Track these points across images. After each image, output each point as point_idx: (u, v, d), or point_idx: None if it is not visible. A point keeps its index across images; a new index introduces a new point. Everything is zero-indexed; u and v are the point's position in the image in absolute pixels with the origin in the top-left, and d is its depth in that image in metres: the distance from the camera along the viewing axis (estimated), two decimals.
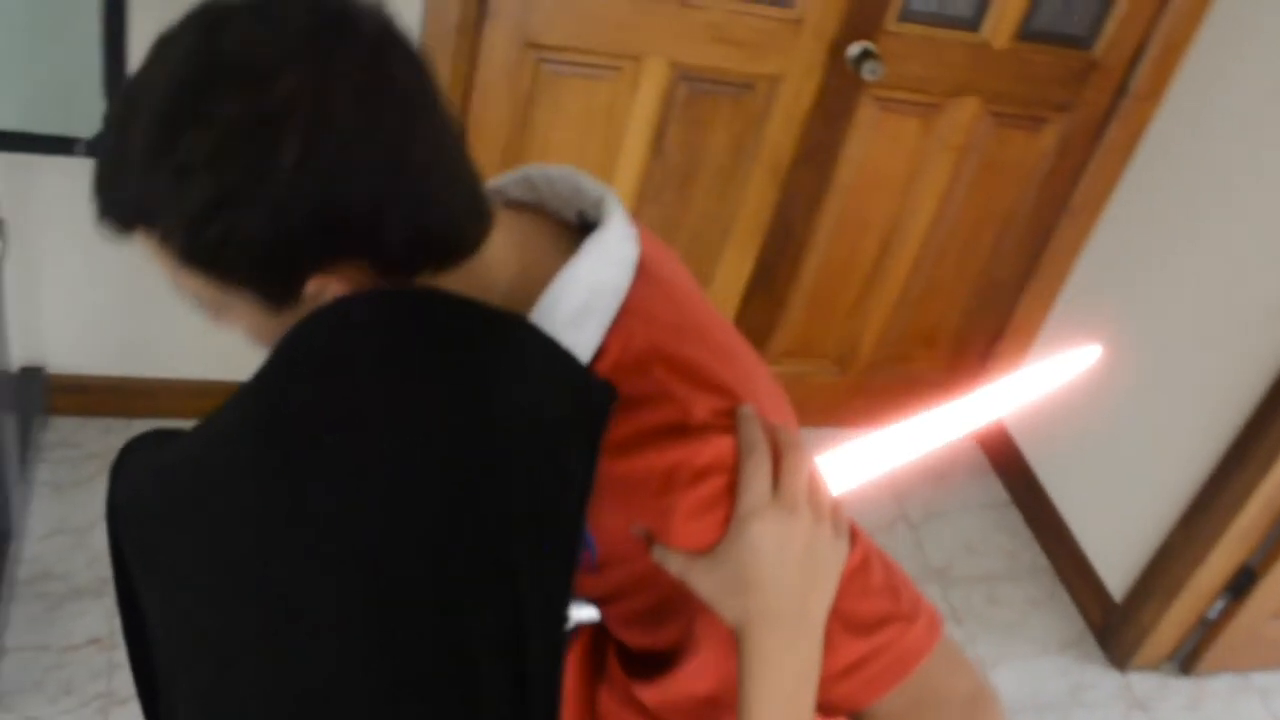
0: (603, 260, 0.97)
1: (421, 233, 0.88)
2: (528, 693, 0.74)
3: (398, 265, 0.88)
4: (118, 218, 0.84)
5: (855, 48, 2.59)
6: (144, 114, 0.80)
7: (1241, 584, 2.78)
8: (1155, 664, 2.95)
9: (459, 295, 0.87)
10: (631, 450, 0.92)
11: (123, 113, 0.82)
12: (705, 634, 0.98)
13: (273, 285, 0.87)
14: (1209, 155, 2.73)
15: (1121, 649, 2.91)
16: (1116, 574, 2.95)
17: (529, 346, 0.84)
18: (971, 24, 2.65)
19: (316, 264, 0.85)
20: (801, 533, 0.93)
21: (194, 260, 0.84)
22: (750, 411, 0.95)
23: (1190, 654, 2.94)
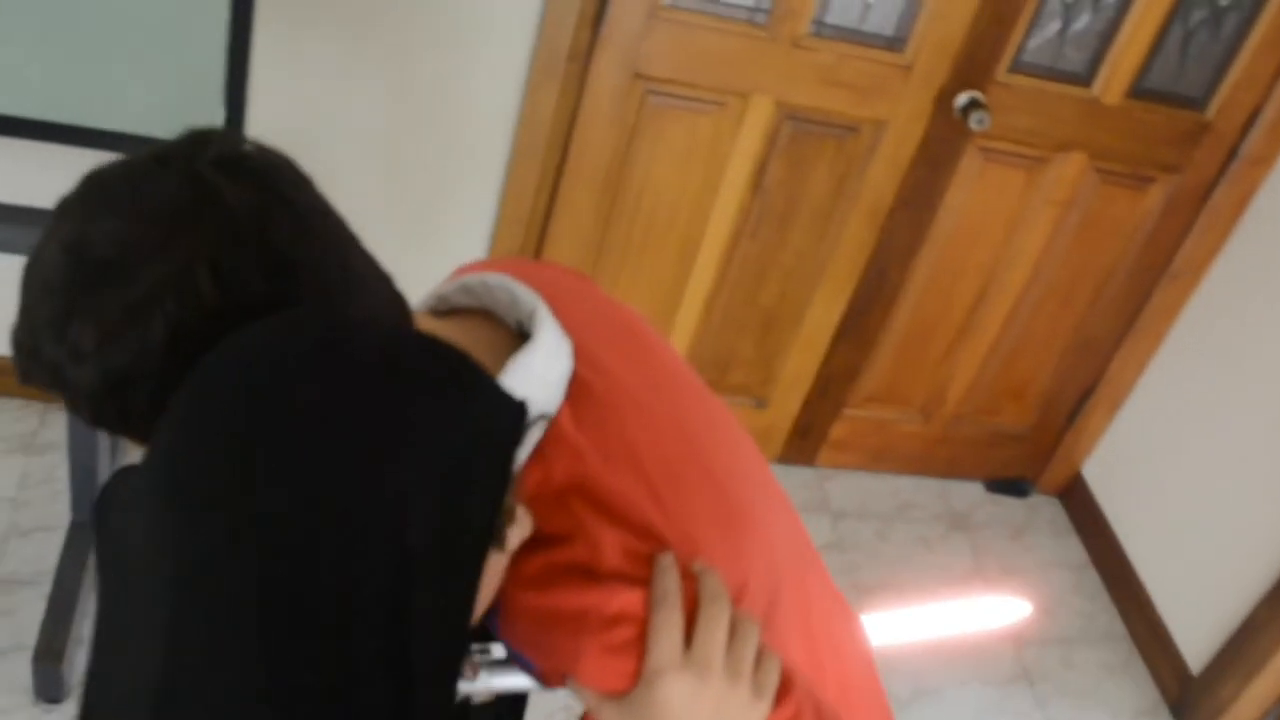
0: (527, 382, 0.95)
1: None
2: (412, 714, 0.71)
3: None
4: (38, 384, 0.87)
5: (963, 97, 2.57)
6: (43, 293, 0.83)
7: None
8: None
9: (364, 320, 0.85)
10: (544, 587, 0.91)
11: (29, 282, 0.84)
12: None
13: None
14: None
15: None
16: (1195, 646, 2.88)
17: (440, 369, 0.80)
18: (1083, 79, 2.62)
19: None
20: (712, 693, 0.90)
21: (107, 430, 0.88)
22: (668, 562, 0.92)
23: None
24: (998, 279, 2.93)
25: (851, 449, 3.24)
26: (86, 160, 0.91)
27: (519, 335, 1.01)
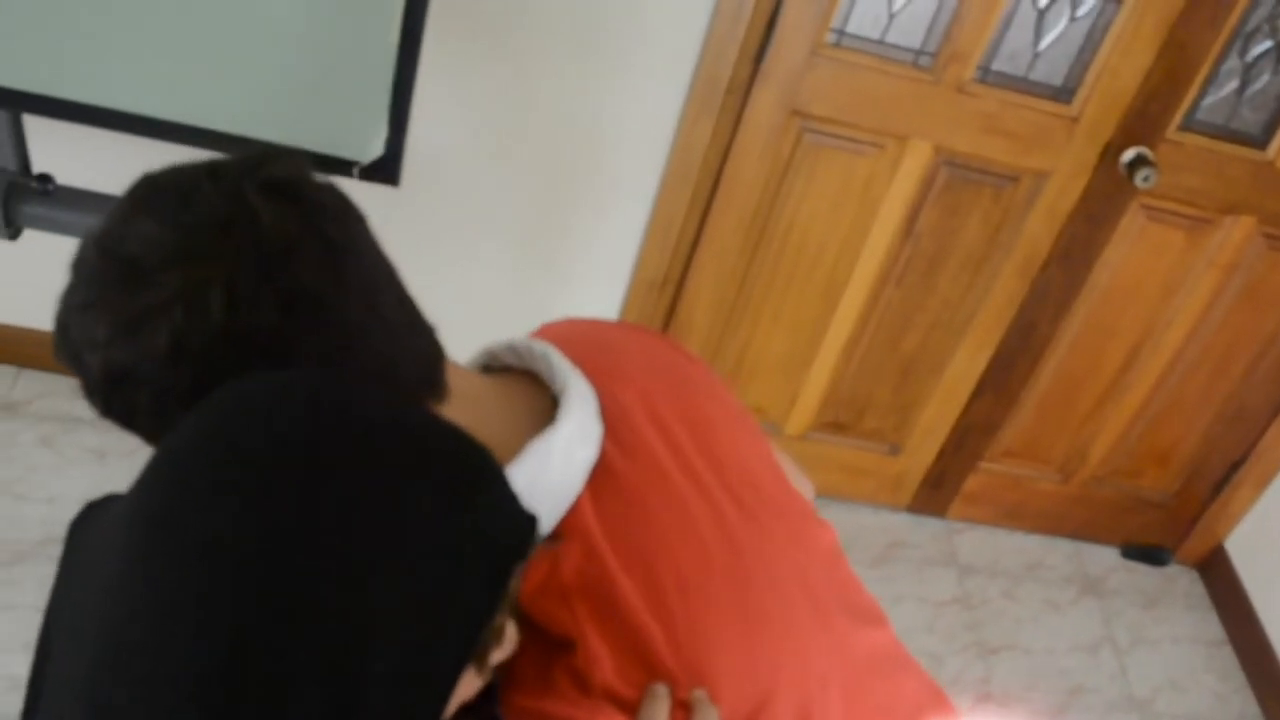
0: (544, 468, 0.91)
1: None
2: None
3: None
4: (65, 363, 0.87)
5: (1130, 152, 2.48)
6: (77, 279, 0.84)
7: None
8: None
9: (367, 388, 0.80)
10: (534, 689, 0.89)
11: (73, 264, 0.85)
12: None
13: None
14: None
15: None
16: None
17: (451, 467, 0.74)
18: (1258, 141, 2.52)
19: None
20: None
21: (111, 420, 0.87)
22: (660, 691, 0.87)
23: None
24: (1151, 340, 2.83)
25: (984, 503, 3.16)
26: None
27: (557, 404, 0.98)
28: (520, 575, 0.77)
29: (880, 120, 2.43)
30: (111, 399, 0.85)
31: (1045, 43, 2.37)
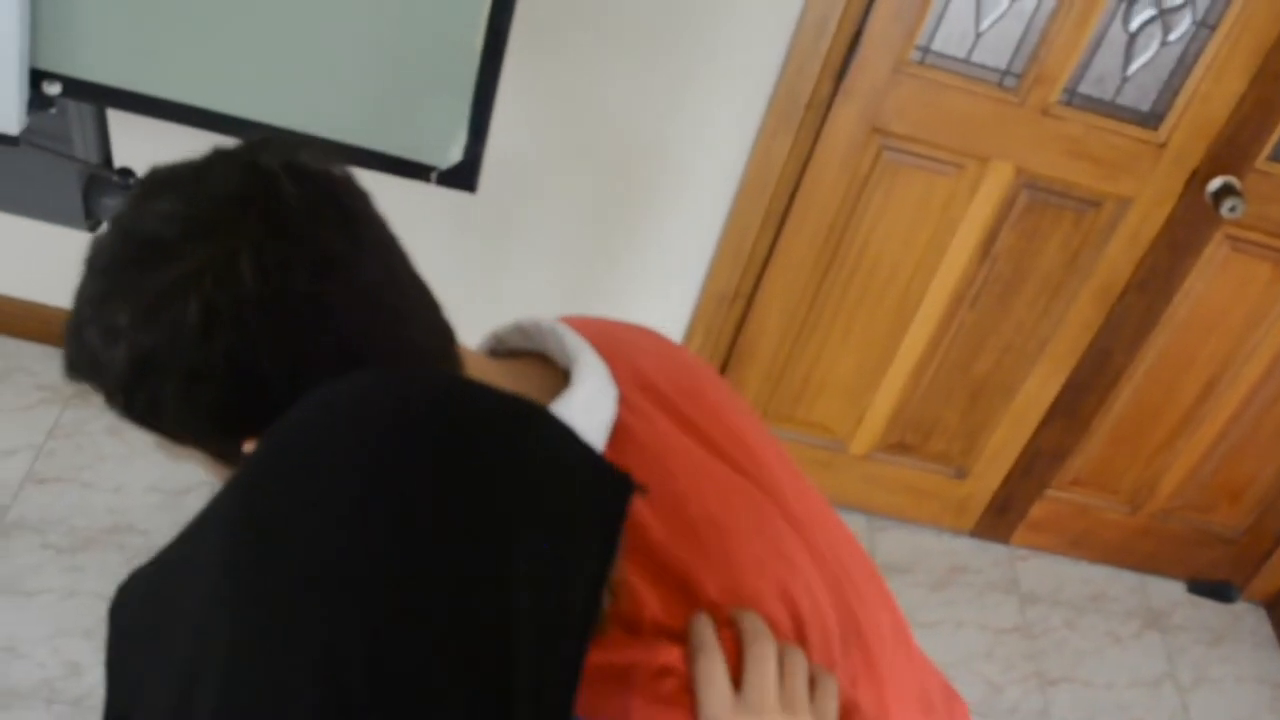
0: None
1: None
2: None
3: None
4: (79, 375, 0.86)
5: (1217, 181, 2.43)
6: (91, 273, 0.83)
7: None
8: None
9: (453, 374, 0.80)
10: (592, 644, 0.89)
11: (85, 266, 0.84)
12: None
13: (210, 444, 0.87)
14: None
15: None
16: None
17: (539, 430, 0.75)
18: None
19: (249, 427, 0.83)
20: None
21: (134, 420, 0.86)
22: (703, 618, 0.89)
23: None
24: (1230, 373, 2.77)
25: (1049, 531, 3.10)
26: None
27: (569, 380, 0.99)
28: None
29: (962, 140, 2.40)
30: (135, 393, 0.83)
31: (1135, 67, 2.33)
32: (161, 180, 0.85)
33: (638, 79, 2.31)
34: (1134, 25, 2.28)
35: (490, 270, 2.59)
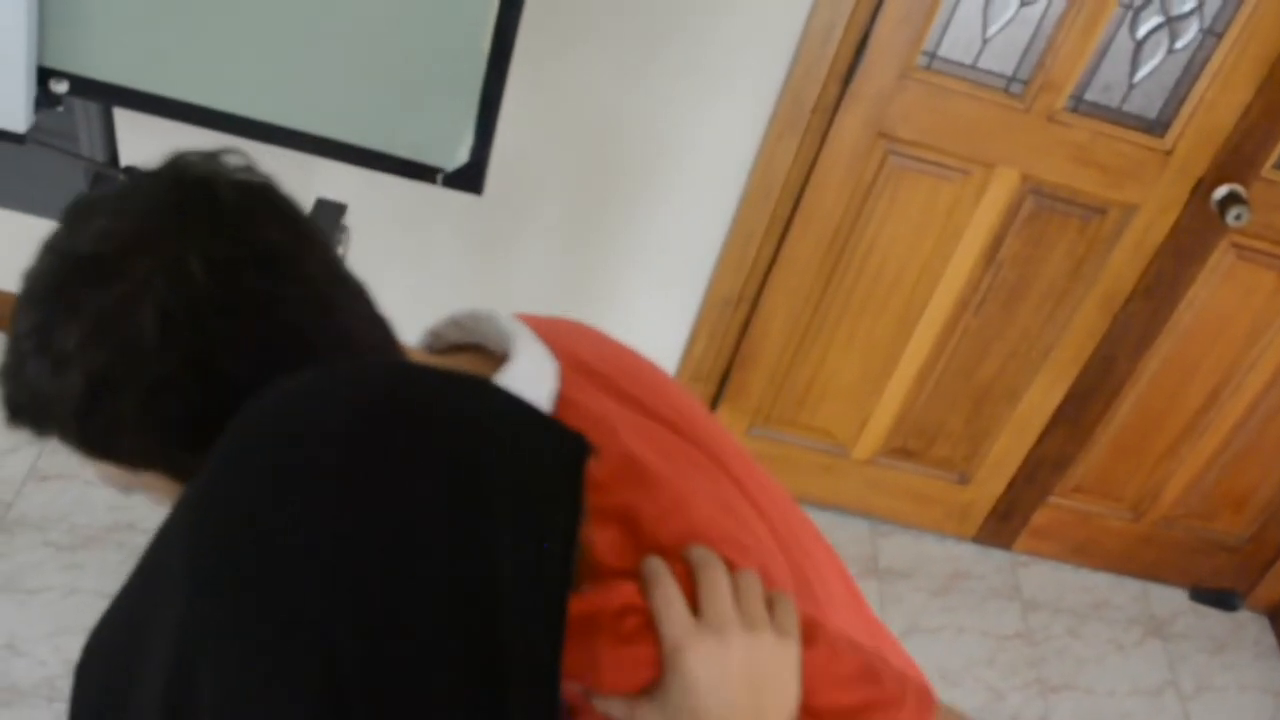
0: None
1: None
2: None
3: None
4: (24, 418, 0.84)
5: (1222, 189, 2.43)
6: (28, 305, 0.82)
7: None
8: None
9: (400, 360, 0.81)
10: None
11: (19, 302, 0.83)
12: None
13: (172, 462, 0.85)
14: None
15: None
16: None
17: (490, 402, 0.77)
18: None
19: (213, 437, 0.81)
20: (737, 650, 0.86)
21: (89, 450, 0.84)
22: (655, 560, 0.89)
23: None
24: (1234, 381, 2.76)
25: (1052, 538, 3.10)
26: (330, 168, 0.91)
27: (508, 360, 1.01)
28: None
29: (968, 146, 2.39)
30: (90, 419, 0.81)
31: (1141, 74, 2.33)
32: (88, 205, 0.84)
33: (644, 83, 2.31)
34: (1141, 32, 2.28)
35: (495, 272, 2.59)
